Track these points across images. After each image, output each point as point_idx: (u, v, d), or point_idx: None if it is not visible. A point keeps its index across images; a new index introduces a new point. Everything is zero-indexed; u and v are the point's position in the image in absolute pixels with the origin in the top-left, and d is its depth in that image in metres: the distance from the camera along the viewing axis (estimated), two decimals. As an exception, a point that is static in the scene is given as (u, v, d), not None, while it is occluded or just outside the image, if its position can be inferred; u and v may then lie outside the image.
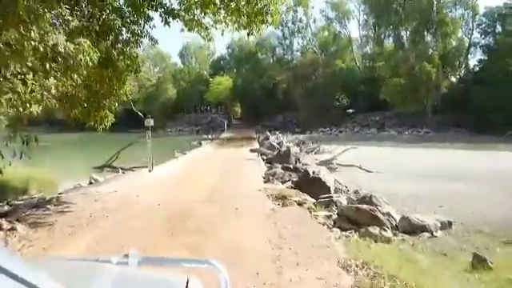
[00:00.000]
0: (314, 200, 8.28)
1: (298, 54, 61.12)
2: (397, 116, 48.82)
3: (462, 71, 50.32)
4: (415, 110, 47.25)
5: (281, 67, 59.13)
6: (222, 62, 74.05)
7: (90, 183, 13.00)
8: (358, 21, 61.12)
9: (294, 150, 15.85)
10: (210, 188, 9.92)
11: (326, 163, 15.59)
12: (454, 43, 46.30)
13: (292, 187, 9.85)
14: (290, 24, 55.53)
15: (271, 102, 57.97)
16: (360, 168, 15.37)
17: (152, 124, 13.67)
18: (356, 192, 10.70)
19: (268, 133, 35.57)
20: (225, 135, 45.37)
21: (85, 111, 8.60)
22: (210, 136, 48.05)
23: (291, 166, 12.81)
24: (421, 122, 45.70)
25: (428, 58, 43.19)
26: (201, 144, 34.28)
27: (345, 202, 8.13)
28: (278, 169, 12.36)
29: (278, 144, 22.71)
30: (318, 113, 52.40)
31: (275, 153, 17.52)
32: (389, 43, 53.06)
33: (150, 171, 13.63)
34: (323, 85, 52.71)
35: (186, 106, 71.90)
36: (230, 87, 62.60)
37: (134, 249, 1.20)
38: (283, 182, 10.66)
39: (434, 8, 43.69)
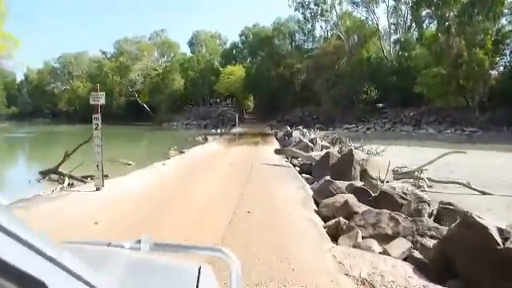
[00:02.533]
0: None
1: (321, 40, 54.31)
2: (435, 112, 42.08)
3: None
4: (457, 105, 40.77)
5: (301, 55, 52.59)
6: (234, 51, 67.59)
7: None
8: (387, 6, 54.15)
9: (359, 154, 9.40)
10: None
11: (409, 177, 9.38)
12: (507, 26, 39.22)
13: (423, 262, 3.53)
14: (312, 5, 48.78)
15: (288, 94, 51.72)
16: (467, 186, 8.96)
17: (102, 102, 7.29)
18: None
19: (289, 128, 29.19)
20: (236, 130, 39.25)
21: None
22: (218, 131, 42.04)
23: (369, 191, 6.38)
24: (464, 120, 38.89)
25: (479, 43, 36.31)
26: (207, 139, 28.05)
27: None
28: (351, 198, 5.70)
29: (311, 142, 16.34)
30: (343, 107, 45.96)
31: (315, 155, 11.26)
32: (429, 28, 46.00)
33: (97, 189, 7.36)
34: (349, 75, 46.10)
35: (195, 97, 66.03)
36: (242, 77, 56.52)
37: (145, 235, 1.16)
38: (383, 239, 4.33)
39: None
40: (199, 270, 1.16)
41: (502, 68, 42.62)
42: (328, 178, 9.04)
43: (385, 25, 54.57)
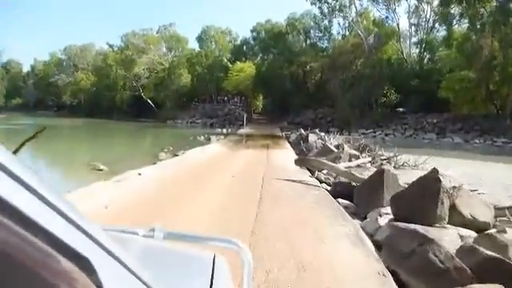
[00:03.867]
0: None
1: (338, 38, 50.81)
2: (460, 119, 38.45)
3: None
4: (486, 112, 37.24)
5: (315, 53, 49.09)
6: (244, 47, 64.17)
7: None
8: (409, 5, 50.33)
9: (446, 178, 6.08)
10: None
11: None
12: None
13: None
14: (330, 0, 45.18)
15: (301, 94, 48.44)
16: None
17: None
18: None
19: (302, 130, 25.86)
20: (243, 131, 35.96)
21: None
22: (224, 130, 38.79)
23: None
24: (494, 129, 35.21)
25: (516, 44, 32.72)
26: (209, 140, 24.75)
27: None
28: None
29: (338, 147, 13.01)
30: (360, 110, 42.52)
31: (345, 166, 7.90)
32: (455, 28, 42.28)
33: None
34: (367, 76, 42.61)
35: (201, 95, 62.99)
36: (252, 75, 53.10)
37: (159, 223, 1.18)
38: None
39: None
40: (214, 258, 1.19)
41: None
42: (384, 211, 5.70)
43: (403, 26, 50.94)
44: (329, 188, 8.55)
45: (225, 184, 8.11)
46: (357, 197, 6.84)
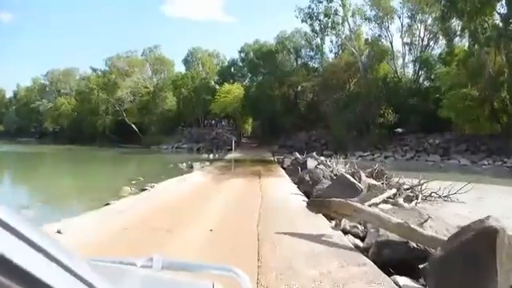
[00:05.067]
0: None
1: (331, 57, 48.56)
2: (464, 139, 35.93)
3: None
4: (491, 132, 34.73)
5: (307, 72, 46.69)
6: (232, 69, 61.75)
7: None
8: (402, 24, 48.47)
9: None
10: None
11: None
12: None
13: None
14: (321, 17, 42.84)
15: (292, 116, 45.86)
16: None
17: None
18: None
19: (298, 154, 22.92)
20: (232, 156, 33.13)
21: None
22: (211, 156, 35.63)
23: None
24: (501, 149, 32.55)
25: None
26: (192, 167, 21.59)
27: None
28: None
29: (354, 176, 9.97)
30: (356, 131, 39.88)
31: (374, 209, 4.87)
32: (460, 43, 40.23)
33: None
34: (363, 96, 40.13)
35: (188, 118, 60.07)
36: (240, 97, 50.60)
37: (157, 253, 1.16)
38: None
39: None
40: (212, 287, 1.17)
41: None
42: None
43: (396, 44, 49.16)
44: (359, 243, 5.45)
45: (194, 249, 4.95)
46: (435, 277, 3.71)
